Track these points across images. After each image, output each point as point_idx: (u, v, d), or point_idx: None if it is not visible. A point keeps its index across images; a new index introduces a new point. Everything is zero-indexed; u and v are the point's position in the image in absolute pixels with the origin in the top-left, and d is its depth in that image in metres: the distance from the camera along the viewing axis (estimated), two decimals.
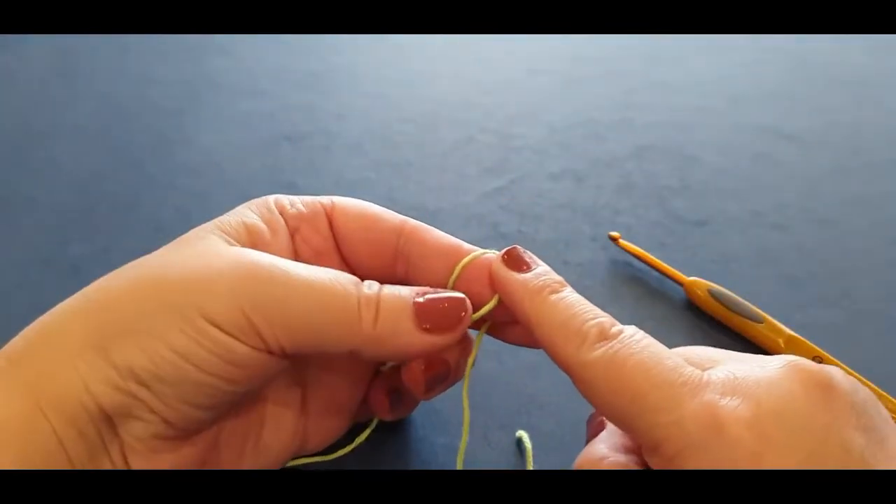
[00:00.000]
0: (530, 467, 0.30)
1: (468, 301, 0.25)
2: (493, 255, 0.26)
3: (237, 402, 0.24)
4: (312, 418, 0.27)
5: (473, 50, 0.55)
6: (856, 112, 0.50)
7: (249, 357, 0.22)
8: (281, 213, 0.26)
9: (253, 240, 0.25)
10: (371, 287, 0.24)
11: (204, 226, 0.25)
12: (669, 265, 0.38)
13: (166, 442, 0.22)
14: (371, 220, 0.27)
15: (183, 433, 0.23)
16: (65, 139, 0.47)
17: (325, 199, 0.28)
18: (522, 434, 0.31)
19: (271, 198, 0.27)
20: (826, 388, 0.21)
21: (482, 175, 0.45)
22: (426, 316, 0.24)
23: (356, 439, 0.29)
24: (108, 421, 0.21)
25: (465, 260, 0.26)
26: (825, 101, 0.51)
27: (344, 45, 0.55)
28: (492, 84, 0.52)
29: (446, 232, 0.28)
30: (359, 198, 0.44)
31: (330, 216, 0.27)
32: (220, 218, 0.25)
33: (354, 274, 0.25)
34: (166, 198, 0.43)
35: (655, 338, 0.23)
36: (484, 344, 0.36)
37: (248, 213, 0.25)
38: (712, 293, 0.36)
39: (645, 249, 0.39)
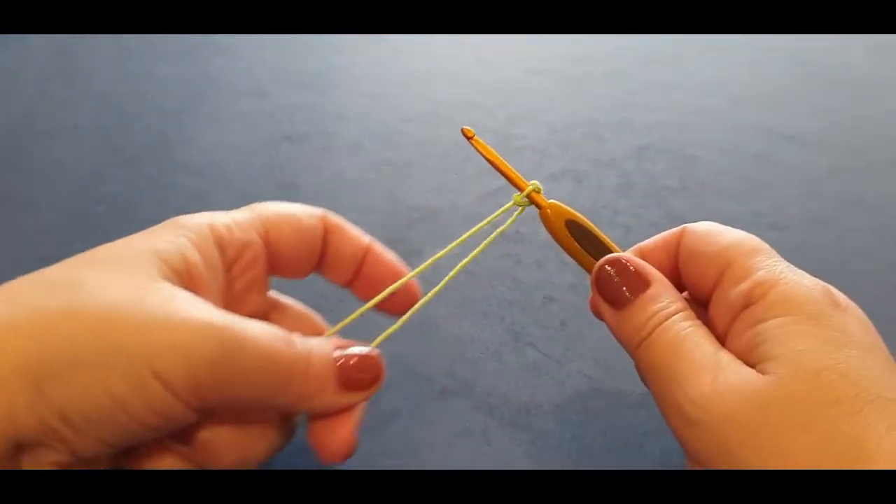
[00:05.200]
0: None
1: (382, 360, 0.26)
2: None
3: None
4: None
5: (473, 50, 0.55)
6: (856, 112, 0.50)
7: (184, 414, 0.21)
8: (218, 244, 0.25)
9: (191, 276, 0.24)
10: (302, 344, 0.24)
11: (141, 245, 0.23)
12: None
13: (61, 466, 0.22)
14: (299, 231, 0.27)
15: (81, 463, 0.22)
16: (65, 139, 0.47)
17: (258, 220, 0.27)
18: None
19: (206, 221, 0.26)
20: None
21: (482, 175, 0.45)
22: (347, 378, 0.25)
23: None
24: (17, 444, 0.21)
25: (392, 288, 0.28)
26: (825, 101, 0.51)
27: (344, 45, 0.55)
28: (492, 84, 0.52)
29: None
30: (359, 198, 0.44)
31: (265, 237, 0.27)
32: (158, 242, 0.24)
33: (278, 270, 0.27)
34: (166, 198, 0.43)
35: None
36: (484, 343, 0.36)
37: (185, 243, 0.24)
38: (571, 226, 0.29)
39: None
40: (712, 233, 0.26)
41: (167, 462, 0.24)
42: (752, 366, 0.23)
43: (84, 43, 0.55)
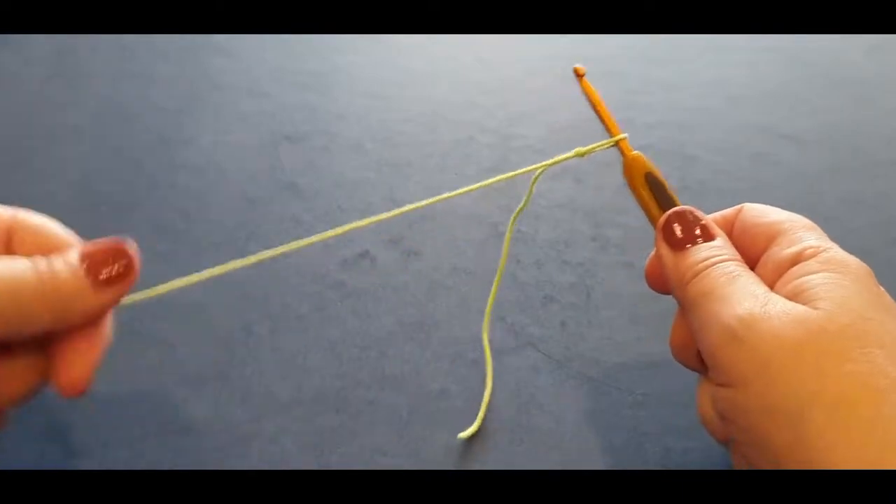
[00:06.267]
0: None
1: (131, 247, 0.26)
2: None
3: None
4: None
5: (473, 50, 0.55)
6: (855, 112, 0.50)
7: None
8: None
9: None
10: (45, 262, 0.24)
11: None
12: None
13: None
14: (48, 247, 0.26)
15: None
16: (65, 139, 0.47)
17: (8, 214, 0.27)
18: None
19: None
20: None
21: (482, 175, 0.45)
22: (99, 274, 0.25)
23: None
24: None
25: None
26: (825, 101, 0.51)
27: (344, 45, 0.55)
28: (492, 84, 0.52)
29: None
30: (359, 198, 0.44)
31: (10, 234, 0.27)
32: None
33: None
34: (166, 198, 0.43)
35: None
36: (483, 342, 0.36)
37: None
38: (649, 179, 0.32)
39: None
40: (770, 209, 0.29)
41: None
42: None
43: (84, 43, 0.55)
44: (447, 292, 0.38)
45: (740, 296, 0.24)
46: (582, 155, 0.33)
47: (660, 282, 0.29)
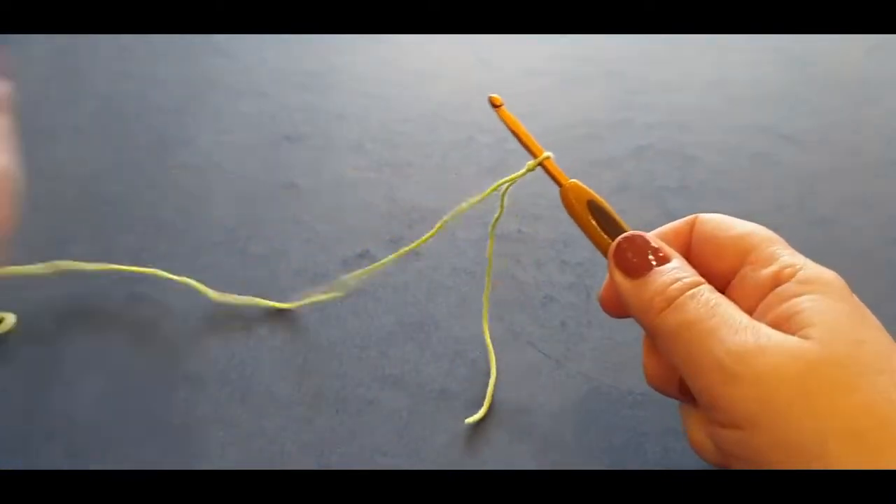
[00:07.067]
0: None
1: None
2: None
3: None
4: None
5: (473, 50, 0.55)
6: (855, 112, 0.50)
7: None
8: None
9: None
10: None
11: None
12: None
13: None
14: None
15: None
16: (65, 139, 0.47)
17: None
18: None
19: None
20: None
21: (482, 175, 0.45)
22: None
23: None
24: None
25: None
26: (824, 101, 0.51)
27: (344, 45, 0.55)
28: (492, 84, 0.52)
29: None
30: (359, 198, 0.44)
31: None
32: None
33: None
34: (166, 198, 0.43)
35: None
36: (484, 343, 0.36)
37: None
38: (592, 207, 0.30)
39: None
40: (727, 221, 0.27)
41: None
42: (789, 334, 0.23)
43: (84, 43, 0.55)
44: (447, 292, 0.38)
45: (727, 329, 0.23)
46: (529, 170, 0.32)
47: (617, 308, 0.28)
